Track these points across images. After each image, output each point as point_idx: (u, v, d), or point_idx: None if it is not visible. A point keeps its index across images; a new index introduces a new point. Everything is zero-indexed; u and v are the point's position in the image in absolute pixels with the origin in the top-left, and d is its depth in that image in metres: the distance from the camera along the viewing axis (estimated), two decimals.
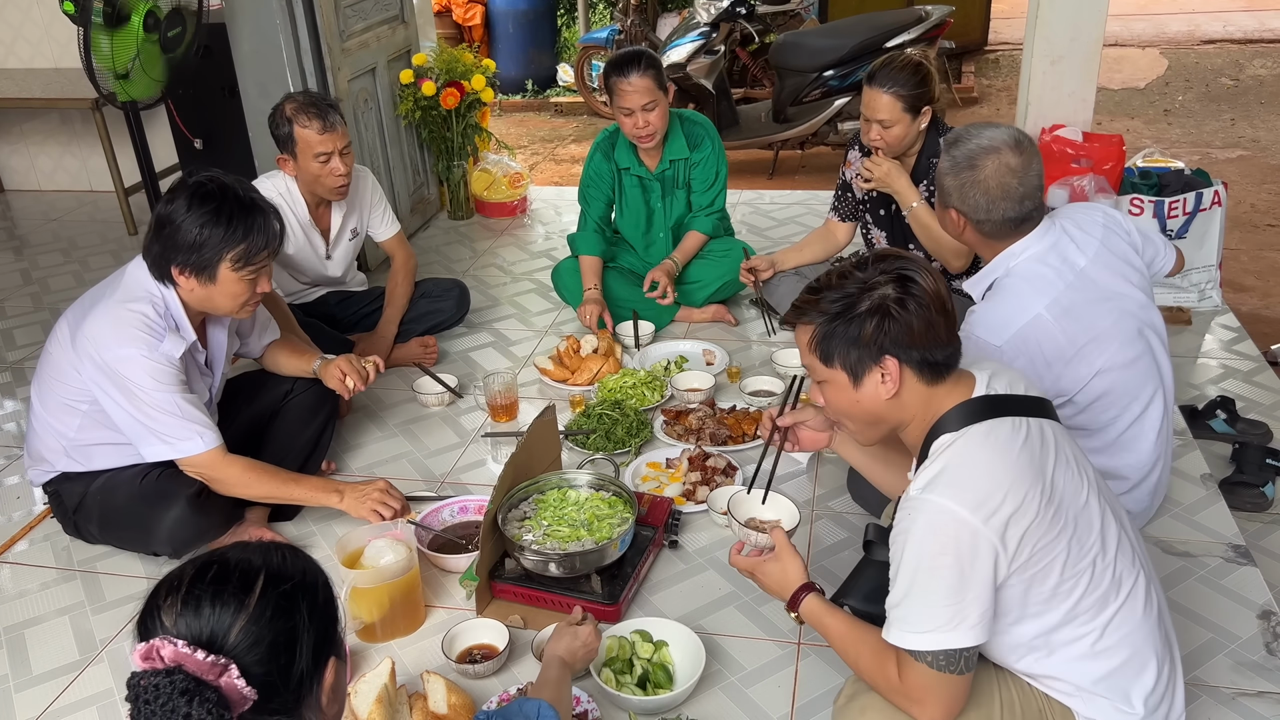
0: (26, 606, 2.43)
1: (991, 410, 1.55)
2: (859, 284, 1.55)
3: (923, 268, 1.55)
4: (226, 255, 2.20)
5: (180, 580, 1.12)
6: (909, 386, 1.57)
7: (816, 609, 1.75)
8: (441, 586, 2.39)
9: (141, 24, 3.24)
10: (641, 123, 3.32)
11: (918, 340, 1.53)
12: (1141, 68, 7.96)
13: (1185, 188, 3.73)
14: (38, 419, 2.43)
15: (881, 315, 1.53)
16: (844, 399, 1.61)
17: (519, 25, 8.15)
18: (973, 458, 1.50)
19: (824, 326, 1.57)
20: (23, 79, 4.96)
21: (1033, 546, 1.48)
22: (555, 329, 3.68)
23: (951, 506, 1.45)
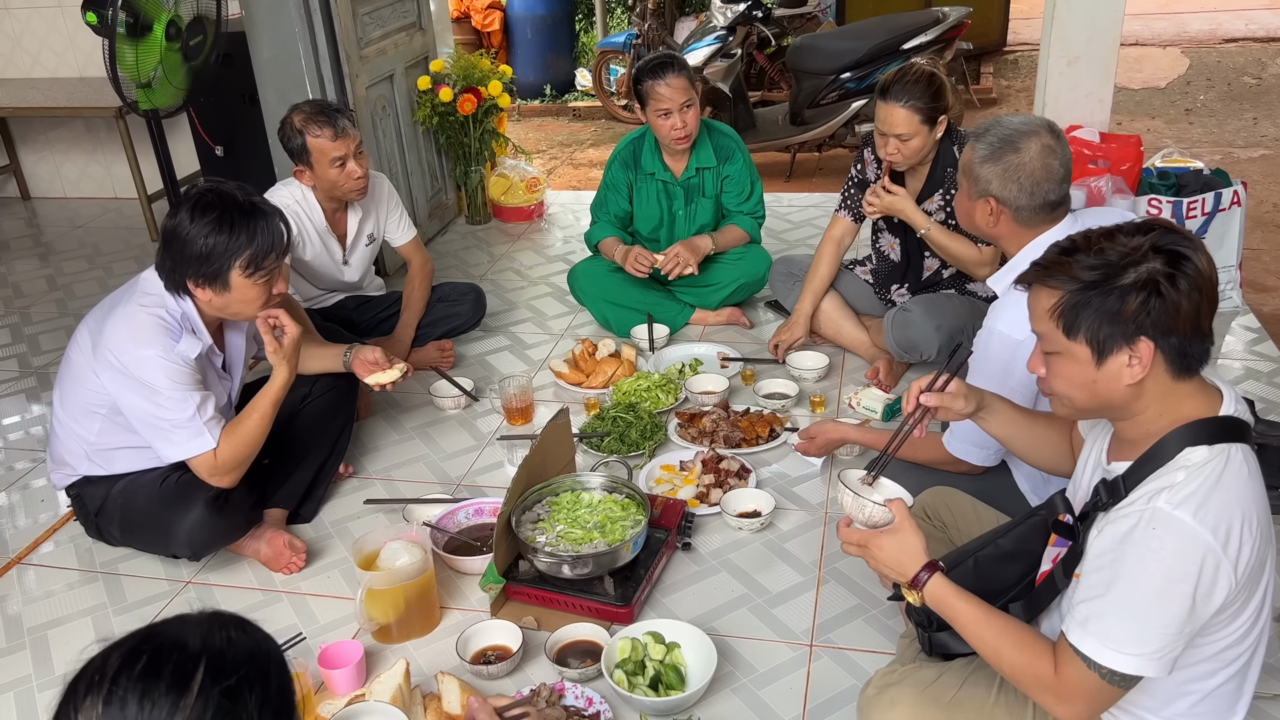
0: (50, 608, 2.47)
1: (1236, 434, 1.44)
2: (1123, 252, 1.40)
3: (1198, 247, 1.41)
4: (235, 262, 2.23)
5: (103, 674, 0.94)
6: (1155, 376, 1.43)
7: (943, 590, 1.58)
8: (456, 588, 2.42)
9: (164, 33, 3.28)
10: (679, 123, 3.34)
11: (1181, 326, 1.39)
12: (1162, 67, 7.90)
13: (1204, 188, 3.71)
14: (59, 423, 2.47)
15: (1149, 291, 1.38)
16: (1079, 375, 1.47)
17: (537, 30, 8.19)
18: (1230, 485, 1.39)
19: (1076, 294, 1.42)
20: (48, 88, 5.04)
21: (1246, 588, 1.43)
22: (571, 332, 3.70)
23: (1207, 536, 1.36)
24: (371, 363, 2.63)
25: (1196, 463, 1.41)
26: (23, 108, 4.88)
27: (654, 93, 3.31)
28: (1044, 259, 1.49)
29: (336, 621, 2.35)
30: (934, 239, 2.99)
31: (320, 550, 2.60)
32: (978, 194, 2.15)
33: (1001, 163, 2.09)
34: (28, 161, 5.55)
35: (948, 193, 3.02)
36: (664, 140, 3.43)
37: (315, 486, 2.73)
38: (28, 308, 4.23)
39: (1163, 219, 1.48)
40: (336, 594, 2.44)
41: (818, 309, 3.34)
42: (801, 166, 6.34)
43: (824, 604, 2.29)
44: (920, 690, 1.66)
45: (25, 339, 3.94)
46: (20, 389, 3.57)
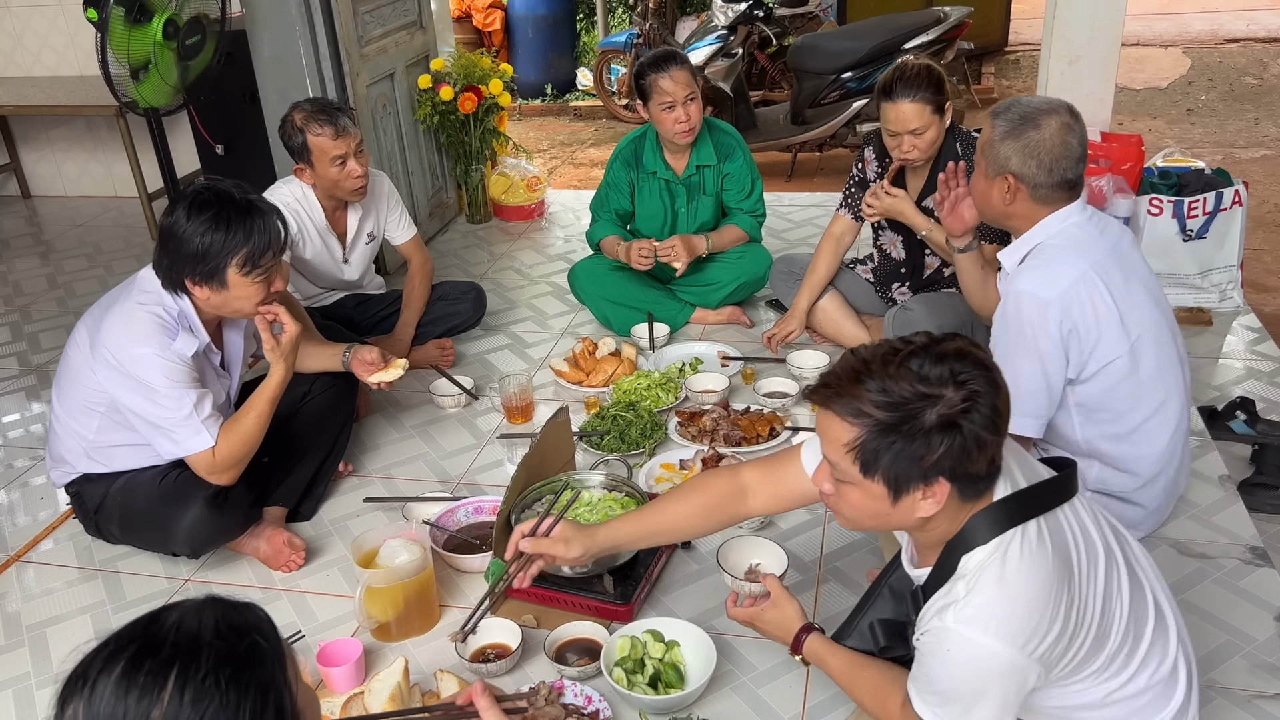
0: (49, 605, 2.47)
1: (1019, 513, 1.43)
2: (920, 391, 1.34)
3: (995, 378, 1.38)
4: (232, 261, 2.23)
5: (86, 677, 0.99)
6: (948, 504, 1.42)
7: (818, 648, 1.77)
8: (456, 586, 2.41)
9: (161, 29, 3.28)
10: (683, 116, 3.33)
11: (974, 461, 1.37)
12: (1164, 67, 7.89)
13: (1205, 187, 3.70)
14: (58, 421, 2.47)
15: (949, 436, 1.33)
16: (871, 507, 1.44)
17: (538, 30, 8.19)
18: (1011, 584, 1.39)
19: (875, 437, 1.36)
20: (49, 86, 5.03)
21: (1071, 656, 1.46)
22: (571, 331, 3.69)
23: (997, 647, 1.38)
24: (369, 362, 2.63)
25: (974, 569, 1.43)
26: (23, 106, 4.88)
27: (657, 86, 3.30)
28: (835, 379, 1.41)
29: (336, 619, 2.35)
30: (935, 240, 2.99)
31: (319, 548, 2.60)
32: (995, 171, 2.15)
33: (1022, 139, 2.09)
34: (28, 160, 5.55)
35: None
36: (668, 135, 3.42)
37: (315, 485, 2.73)
38: (28, 306, 4.23)
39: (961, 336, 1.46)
40: (336, 592, 2.43)
41: (818, 307, 3.34)
42: (803, 166, 6.34)
43: (824, 603, 2.29)
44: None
45: (25, 337, 3.94)
46: (20, 387, 3.57)
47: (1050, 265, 2.09)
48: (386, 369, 2.64)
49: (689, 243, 3.44)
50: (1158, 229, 3.73)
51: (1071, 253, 2.09)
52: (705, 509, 1.89)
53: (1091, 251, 2.09)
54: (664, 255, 3.40)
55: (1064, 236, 2.13)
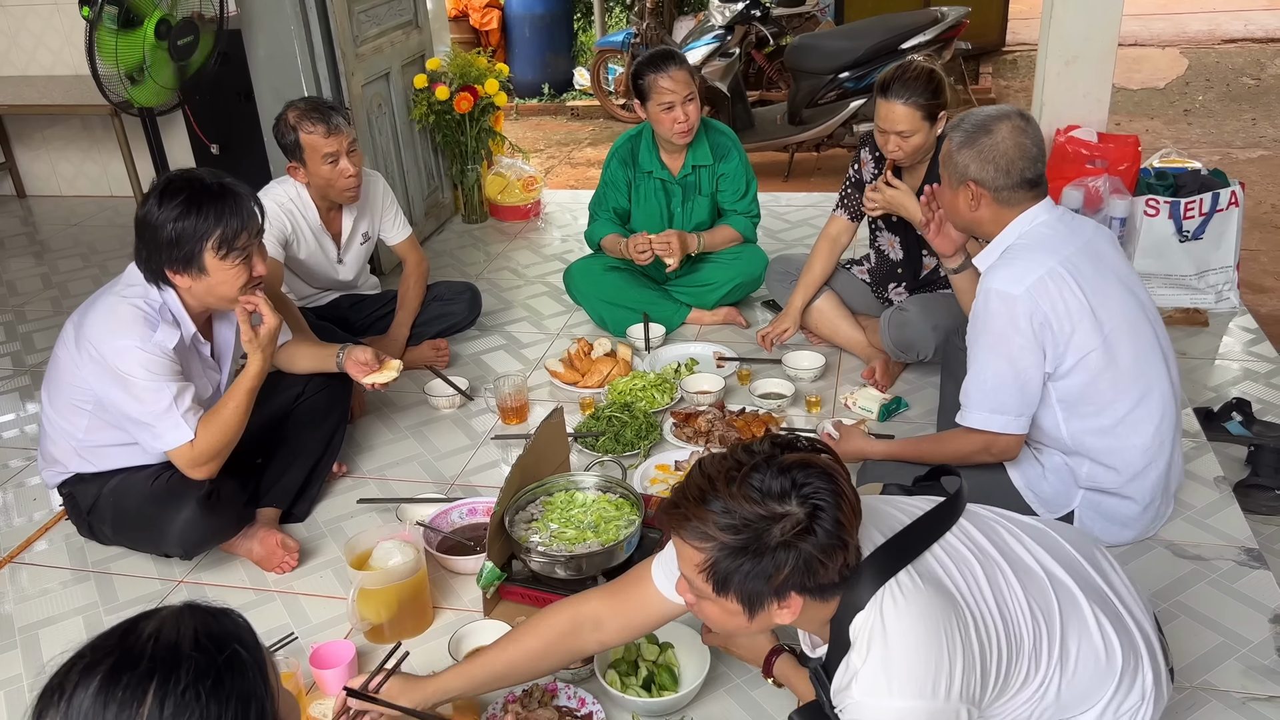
0: (42, 607, 2.46)
1: (891, 563, 1.44)
2: (760, 511, 1.32)
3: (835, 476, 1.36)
4: (207, 244, 2.21)
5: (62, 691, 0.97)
6: (806, 609, 1.42)
7: (787, 671, 1.83)
8: (450, 588, 2.41)
9: (153, 30, 3.27)
10: (682, 115, 3.33)
11: (823, 573, 1.37)
12: (1161, 67, 7.89)
13: (1202, 188, 3.70)
14: (48, 420, 2.46)
15: (795, 554, 1.33)
16: (730, 621, 1.44)
17: (535, 29, 8.18)
18: (896, 638, 1.39)
19: (724, 559, 1.35)
20: (44, 86, 5.02)
21: (995, 677, 1.45)
22: (567, 332, 3.69)
23: (909, 704, 1.37)
24: (363, 363, 2.62)
25: (858, 635, 1.42)
26: (18, 105, 4.86)
27: (656, 86, 3.30)
28: (683, 500, 1.39)
29: (329, 621, 2.34)
30: None
31: (313, 550, 2.59)
32: (957, 181, 2.23)
33: (975, 146, 2.18)
34: (24, 159, 5.54)
35: None
36: (666, 134, 3.41)
37: (309, 485, 2.72)
38: (22, 306, 4.22)
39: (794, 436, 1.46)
40: (329, 594, 2.43)
41: (815, 308, 3.33)
42: (800, 166, 6.33)
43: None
44: None
45: (19, 337, 3.93)
46: (14, 387, 3.56)
47: (1017, 263, 2.15)
48: (381, 370, 2.63)
49: (683, 239, 3.44)
50: (1154, 229, 3.73)
51: (1039, 250, 2.15)
52: (542, 652, 1.79)
53: (1061, 248, 2.14)
54: (659, 248, 3.39)
55: (1032, 236, 2.18)
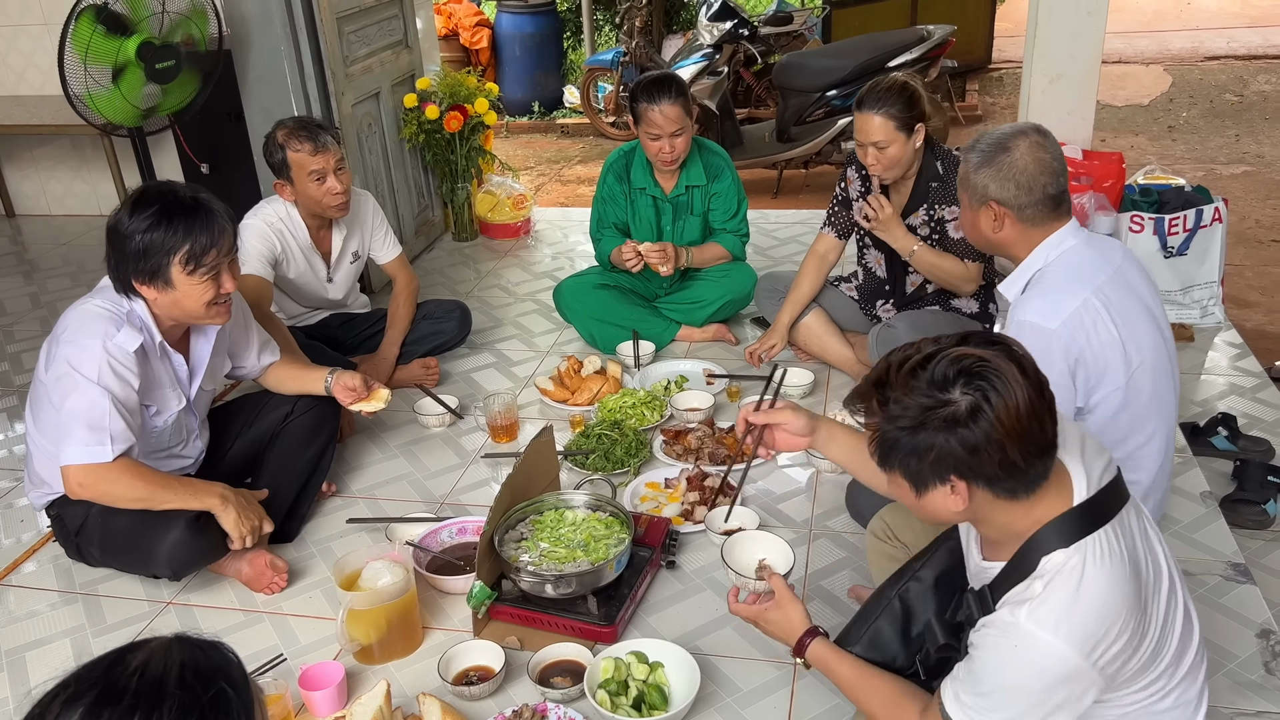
0: (29, 629, 2.45)
1: (1094, 519, 1.43)
2: (930, 394, 1.38)
3: (1010, 383, 1.36)
4: (174, 258, 2.20)
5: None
6: (983, 502, 1.43)
7: (824, 653, 1.72)
8: (439, 608, 2.40)
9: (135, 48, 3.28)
10: (667, 148, 3.35)
11: (986, 467, 1.38)
12: (1145, 84, 7.97)
13: (1185, 205, 3.73)
14: (33, 441, 2.45)
15: (949, 436, 1.36)
16: (906, 499, 1.49)
17: (525, 48, 8.23)
18: (1089, 589, 1.39)
19: (886, 433, 1.43)
20: (34, 105, 5.02)
21: (1130, 667, 1.45)
22: (557, 349, 3.69)
23: (1069, 653, 1.37)
24: (352, 389, 2.62)
25: (1053, 570, 1.41)
26: (7, 125, 4.85)
27: (646, 116, 3.32)
28: (861, 388, 1.48)
29: (318, 642, 2.33)
30: (920, 260, 3.01)
31: (302, 570, 2.58)
32: (978, 202, 2.16)
33: (994, 164, 2.10)
34: (13, 179, 5.53)
35: (932, 207, 3.03)
36: (651, 159, 3.44)
37: (298, 505, 2.71)
38: (10, 326, 4.20)
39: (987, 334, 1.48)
40: (318, 614, 2.42)
41: (804, 325, 3.35)
42: (788, 183, 6.37)
43: None
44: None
45: (7, 357, 3.92)
46: (2, 407, 3.54)
47: (1052, 294, 2.05)
48: (369, 399, 2.63)
49: (676, 253, 3.46)
50: (1139, 246, 3.75)
51: (1073, 280, 2.05)
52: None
53: (1094, 278, 2.05)
54: (655, 257, 3.40)
55: (1063, 263, 2.09)
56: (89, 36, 3.24)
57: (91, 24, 3.24)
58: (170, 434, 2.50)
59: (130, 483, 2.28)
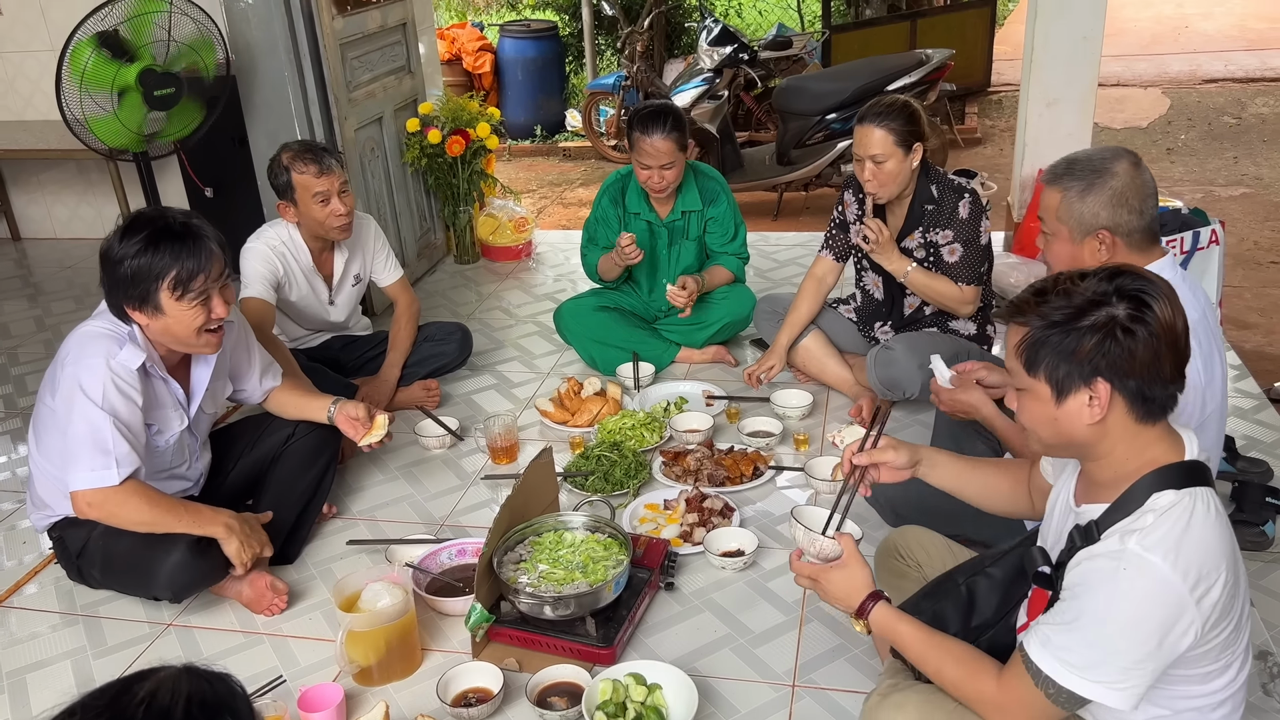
0: (30, 651, 2.45)
1: (1203, 479, 1.47)
2: (1090, 296, 1.44)
3: (1166, 295, 1.43)
4: (162, 283, 2.22)
5: None
6: (1117, 418, 1.47)
7: (888, 616, 1.69)
8: (439, 630, 2.41)
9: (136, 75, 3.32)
10: (658, 178, 3.39)
11: (1138, 370, 1.42)
12: (1144, 107, 8.02)
13: (1182, 227, 3.75)
14: (35, 465, 2.47)
15: (1105, 334, 1.42)
16: (1042, 413, 1.51)
17: (528, 72, 8.29)
18: (1198, 529, 1.41)
19: (1039, 332, 1.47)
20: (40, 130, 5.07)
21: (1216, 629, 1.45)
22: (558, 371, 3.71)
23: (1176, 580, 1.38)
24: (354, 418, 2.64)
25: (1164, 506, 1.43)
26: (14, 150, 4.90)
27: (639, 145, 3.35)
28: (1017, 297, 1.53)
29: (318, 664, 2.34)
30: (914, 282, 3.03)
31: (302, 592, 2.59)
32: (1085, 231, 2.04)
33: (1099, 191, 2.01)
34: (19, 203, 5.58)
35: (927, 230, 3.06)
36: (643, 187, 3.47)
37: (299, 527, 2.72)
38: (15, 348, 4.23)
39: (1137, 268, 1.51)
40: (318, 636, 2.42)
41: (802, 346, 3.36)
42: (789, 205, 6.40)
43: (806, 644, 2.29)
44: (927, 695, 1.66)
45: (11, 380, 3.94)
46: (5, 430, 3.56)
47: None
48: (371, 430, 2.64)
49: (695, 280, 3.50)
50: None
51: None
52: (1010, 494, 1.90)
53: (1192, 309, 1.92)
54: (679, 300, 3.43)
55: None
56: (85, 61, 3.28)
57: (91, 48, 3.28)
58: (173, 454, 2.51)
59: (137, 505, 2.30)
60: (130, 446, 2.29)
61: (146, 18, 3.38)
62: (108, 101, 3.43)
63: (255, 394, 2.74)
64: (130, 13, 3.38)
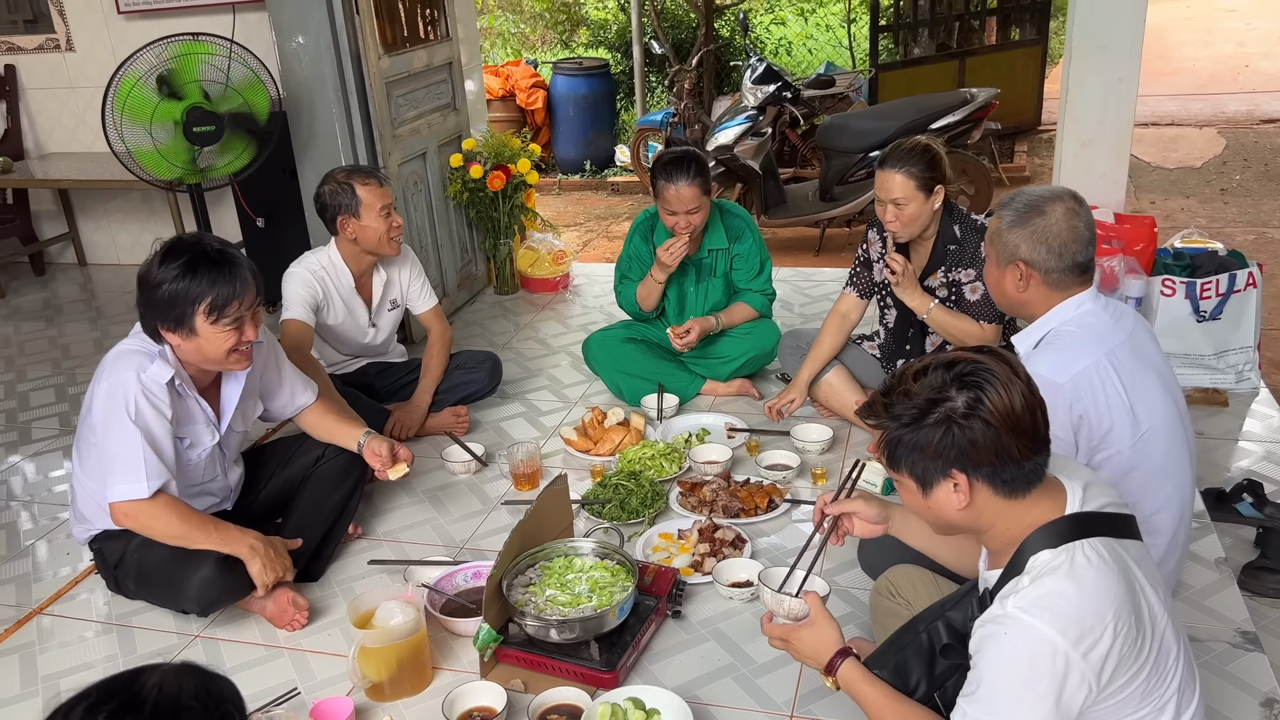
0: (65, 657, 2.57)
1: (1088, 529, 1.50)
2: (927, 395, 1.50)
3: (1002, 380, 1.48)
4: (198, 308, 2.34)
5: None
6: (983, 499, 1.53)
7: (854, 675, 1.73)
8: (450, 649, 2.47)
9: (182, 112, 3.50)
10: (684, 224, 3.44)
11: (985, 459, 1.49)
12: (1198, 147, 7.90)
13: (1219, 269, 3.71)
14: (78, 482, 2.60)
15: (946, 429, 1.48)
16: (915, 503, 1.60)
17: (579, 109, 8.46)
18: (1078, 585, 1.43)
19: (892, 432, 1.54)
20: (106, 162, 5.31)
21: (1122, 679, 1.46)
22: (585, 400, 3.78)
23: (1055, 638, 1.40)
24: (378, 454, 2.72)
25: (1039, 566, 1.48)
26: (82, 180, 5.16)
27: (664, 195, 3.41)
28: (870, 398, 1.61)
29: (334, 678, 2.41)
30: (936, 320, 3.05)
31: (324, 609, 2.68)
32: (1006, 260, 2.18)
33: (1028, 226, 2.13)
34: (85, 230, 5.85)
35: (949, 270, 3.08)
36: (669, 229, 3.53)
37: (324, 546, 2.81)
38: (74, 369, 4.43)
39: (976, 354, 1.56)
40: (336, 651, 2.50)
41: (825, 381, 3.39)
42: (831, 241, 6.42)
43: (807, 675, 2.30)
44: None
45: (69, 399, 4.13)
46: (59, 446, 3.73)
47: (1064, 351, 2.09)
48: (394, 467, 2.73)
49: (704, 324, 3.57)
50: (1171, 309, 3.74)
51: (1086, 341, 2.09)
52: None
53: (1106, 340, 2.09)
54: (680, 342, 3.52)
55: (1078, 323, 2.13)
56: (127, 94, 3.46)
57: (135, 83, 3.47)
58: (204, 469, 2.63)
59: (169, 519, 2.42)
60: (160, 460, 2.40)
61: (194, 58, 3.56)
62: (145, 135, 3.60)
63: (287, 410, 2.84)
64: (178, 52, 3.56)
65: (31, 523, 3.24)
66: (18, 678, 2.51)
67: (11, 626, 2.69)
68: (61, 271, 5.89)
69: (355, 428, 2.82)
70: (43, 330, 4.92)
